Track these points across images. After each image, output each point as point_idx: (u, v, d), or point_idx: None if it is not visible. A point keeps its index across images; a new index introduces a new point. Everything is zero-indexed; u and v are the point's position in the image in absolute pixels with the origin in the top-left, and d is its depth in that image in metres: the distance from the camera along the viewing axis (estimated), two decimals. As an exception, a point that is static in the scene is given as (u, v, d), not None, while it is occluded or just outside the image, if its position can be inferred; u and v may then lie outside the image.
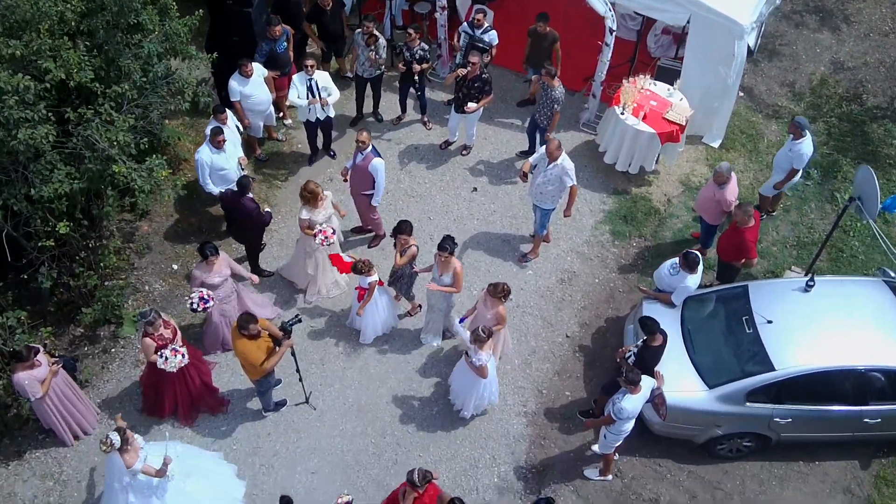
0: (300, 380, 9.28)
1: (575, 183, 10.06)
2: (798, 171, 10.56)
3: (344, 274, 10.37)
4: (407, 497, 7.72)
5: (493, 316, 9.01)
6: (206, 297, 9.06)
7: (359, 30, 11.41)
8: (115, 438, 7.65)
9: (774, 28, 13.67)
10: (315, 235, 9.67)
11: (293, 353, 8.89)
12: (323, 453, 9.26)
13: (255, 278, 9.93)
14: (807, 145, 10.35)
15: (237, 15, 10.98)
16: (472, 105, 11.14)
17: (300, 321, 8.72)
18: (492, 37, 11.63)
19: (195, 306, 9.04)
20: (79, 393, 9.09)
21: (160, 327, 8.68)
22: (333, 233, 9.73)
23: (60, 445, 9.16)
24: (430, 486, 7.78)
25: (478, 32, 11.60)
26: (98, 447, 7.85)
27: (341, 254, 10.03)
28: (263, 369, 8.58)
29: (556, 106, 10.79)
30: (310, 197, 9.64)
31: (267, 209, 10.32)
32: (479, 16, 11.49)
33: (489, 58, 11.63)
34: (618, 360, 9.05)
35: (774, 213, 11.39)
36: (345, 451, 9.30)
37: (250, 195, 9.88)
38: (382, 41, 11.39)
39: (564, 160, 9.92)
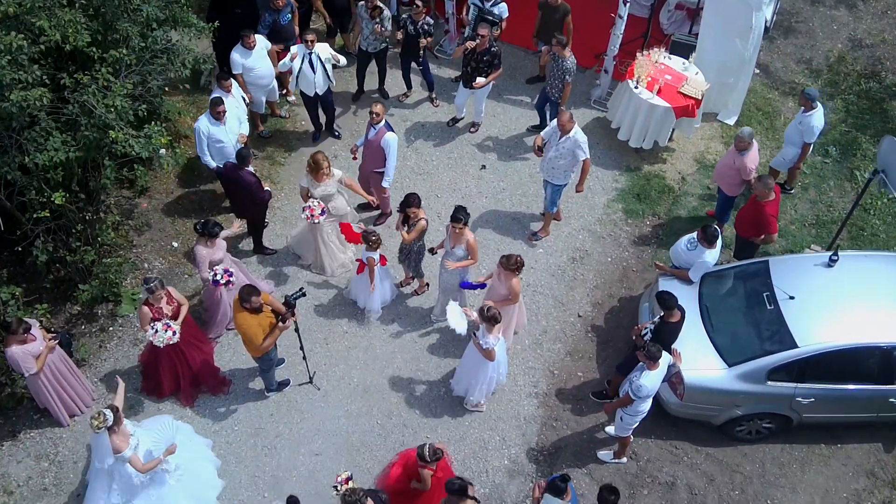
0: (304, 359, 9.00)
1: (588, 156, 9.74)
2: (810, 144, 10.24)
3: (352, 253, 10.12)
4: (424, 477, 7.41)
5: (508, 290, 8.70)
6: (230, 271, 8.89)
7: (362, 2, 11.09)
8: (109, 415, 7.35)
9: (790, 5, 13.37)
10: (304, 209, 9.45)
11: (297, 331, 8.60)
12: (327, 435, 8.97)
13: (236, 224, 9.63)
14: (817, 117, 10.03)
15: (239, -15, 10.69)
16: (480, 80, 10.81)
17: (304, 295, 8.45)
18: (502, 9, 11.32)
19: (219, 278, 8.82)
20: (74, 370, 8.80)
21: (161, 299, 8.41)
22: (322, 213, 9.41)
23: (56, 425, 8.88)
24: (441, 461, 7.49)
25: (487, 5, 11.28)
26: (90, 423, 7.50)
27: (352, 224, 9.76)
28: (265, 346, 8.27)
29: (567, 77, 10.46)
30: (312, 167, 9.37)
31: (267, 188, 10.01)
32: (490, -13, 11.18)
33: (499, 31, 11.31)
34: (633, 337, 8.74)
35: (792, 191, 11.06)
36: (350, 432, 9.00)
37: (250, 168, 9.58)
38: (387, 13, 11.07)
39: (577, 133, 9.60)
